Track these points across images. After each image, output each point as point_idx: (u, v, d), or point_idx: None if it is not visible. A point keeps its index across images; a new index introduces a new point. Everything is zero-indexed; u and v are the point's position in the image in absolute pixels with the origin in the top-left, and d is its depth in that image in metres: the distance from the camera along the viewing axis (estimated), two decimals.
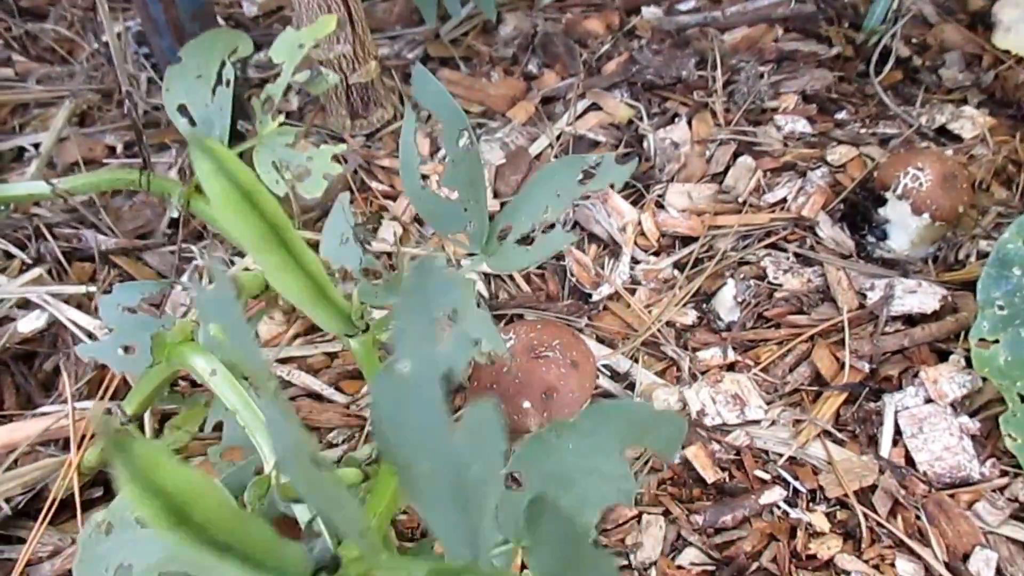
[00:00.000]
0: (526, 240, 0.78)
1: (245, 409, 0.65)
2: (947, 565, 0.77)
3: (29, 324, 0.92)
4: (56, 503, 0.79)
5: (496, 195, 1.14)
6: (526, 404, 0.75)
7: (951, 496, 0.82)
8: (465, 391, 0.93)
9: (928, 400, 0.87)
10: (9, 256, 1.06)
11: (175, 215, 1.10)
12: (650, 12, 1.38)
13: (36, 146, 1.30)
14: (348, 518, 0.43)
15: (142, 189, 0.94)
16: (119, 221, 1.12)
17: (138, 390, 0.77)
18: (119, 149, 1.30)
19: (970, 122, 1.16)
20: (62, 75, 1.46)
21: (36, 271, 0.98)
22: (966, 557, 0.78)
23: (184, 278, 1.01)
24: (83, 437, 0.81)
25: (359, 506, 0.60)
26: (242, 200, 0.51)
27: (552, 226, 0.78)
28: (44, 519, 0.76)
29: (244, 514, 0.41)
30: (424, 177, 1.18)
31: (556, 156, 1.18)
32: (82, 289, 0.96)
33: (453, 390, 0.94)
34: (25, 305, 0.97)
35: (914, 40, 1.34)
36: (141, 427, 0.83)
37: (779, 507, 0.82)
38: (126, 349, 0.77)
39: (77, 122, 1.37)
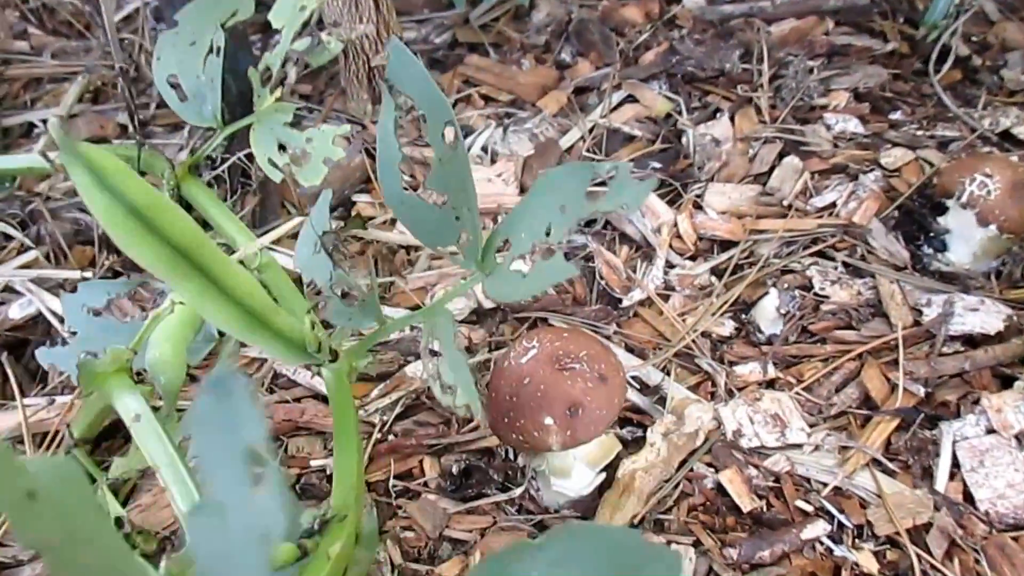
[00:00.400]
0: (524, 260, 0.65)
1: (167, 466, 0.56)
2: None
3: (20, 310, 0.86)
4: None
5: (523, 190, 1.07)
6: (548, 420, 0.68)
7: (1015, 539, 0.74)
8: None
9: (990, 431, 0.79)
10: (8, 238, 1.00)
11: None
12: (692, 1, 1.31)
13: (45, 122, 1.24)
14: None
15: (136, 168, 0.88)
16: None
17: (81, 416, 0.69)
18: (131, 128, 1.24)
19: None
20: (77, 50, 1.41)
21: (31, 254, 0.93)
22: None
23: None
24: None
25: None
26: (130, 220, 0.43)
27: (553, 251, 0.64)
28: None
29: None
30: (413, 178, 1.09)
31: (588, 150, 1.11)
32: (75, 274, 0.90)
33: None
34: (15, 291, 0.91)
35: (974, 38, 1.26)
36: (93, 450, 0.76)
37: (822, 543, 0.75)
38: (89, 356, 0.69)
39: (91, 99, 1.32)
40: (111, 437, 0.81)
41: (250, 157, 0.95)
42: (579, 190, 0.64)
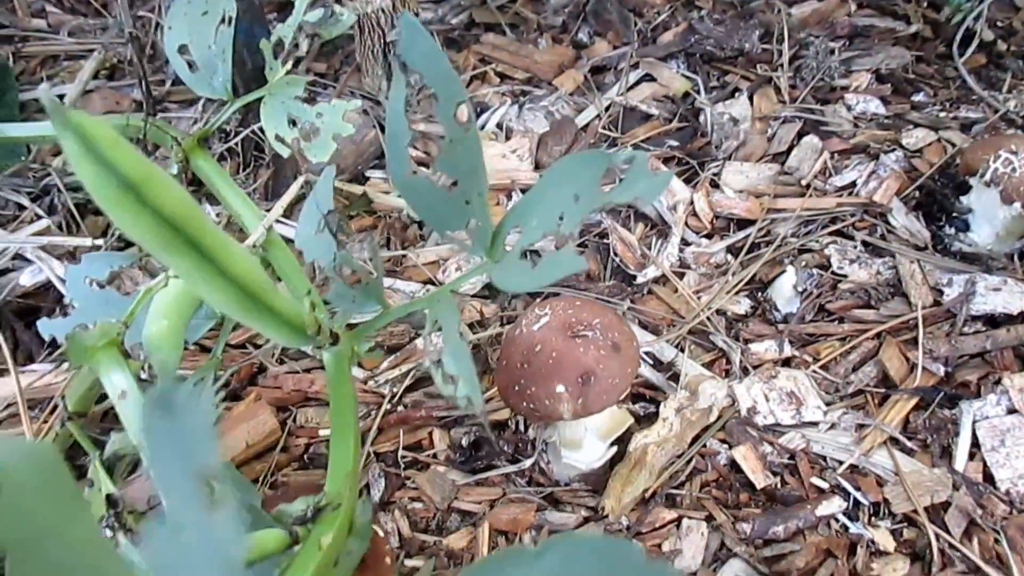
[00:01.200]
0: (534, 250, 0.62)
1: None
2: None
3: (31, 277, 0.86)
4: None
5: (538, 166, 1.06)
6: (559, 388, 0.67)
7: None
8: (492, 372, 0.85)
9: (1012, 411, 0.78)
10: (21, 208, 1.00)
11: (173, 172, 1.03)
12: None
13: (62, 97, 1.24)
14: None
15: (144, 139, 0.87)
16: None
17: (74, 388, 0.67)
18: (143, 101, 1.24)
19: None
20: (94, 28, 1.41)
21: (42, 223, 0.92)
22: None
23: None
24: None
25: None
26: (122, 193, 0.40)
27: (565, 241, 0.61)
28: None
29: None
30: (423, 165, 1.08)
31: (604, 128, 1.10)
32: (86, 242, 0.90)
33: (480, 371, 0.87)
34: (27, 258, 0.91)
35: (999, 23, 1.23)
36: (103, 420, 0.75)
37: (837, 520, 0.73)
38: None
39: (107, 75, 1.32)
40: None
41: (264, 130, 0.94)
42: (593, 179, 0.62)
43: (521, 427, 0.82)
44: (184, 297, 0.63)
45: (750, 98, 1.10)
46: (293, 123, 0.85)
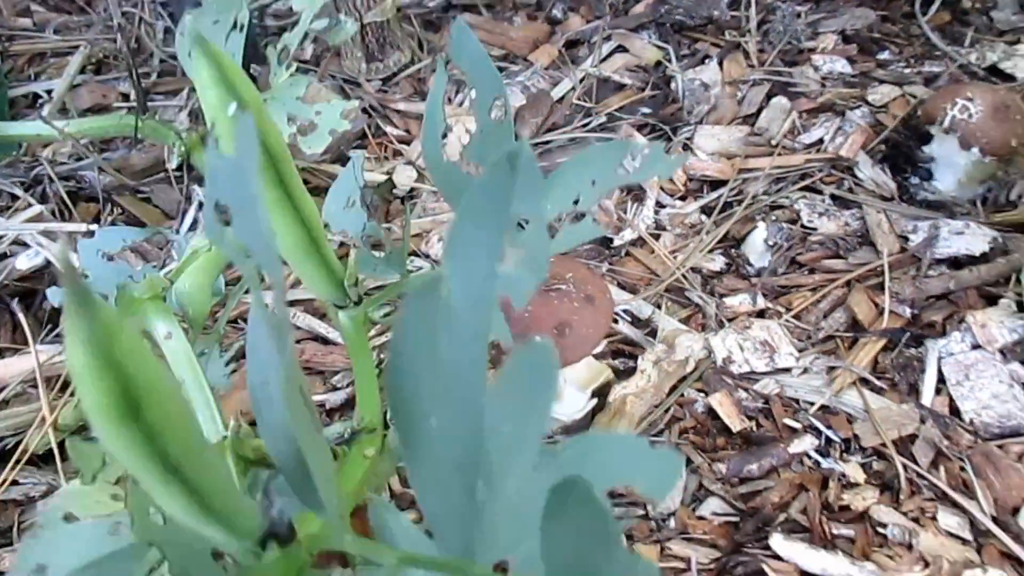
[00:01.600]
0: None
1: (194, 384, 0.59)
2: (994, 519, 0.70)
3: (28, 261, 0.89)
4: (29, 452, 0.75)
5: (516, 138, 1.08)
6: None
7: (1000, 447, 0.75)
8: None
9: (975, 346, 0.81)
10: (14, 198, 1.03)
11: (173, 165, 1.06)
12: None
13: (49, 92, 1.27)
14: (322, 478, 0.36)
15: (142, 135, 0.90)
16: (127, 163, 1.09)
17: None
18: (132, 96, 1.26)
19: None
20: (79, 25, 1.44)
21: (35, 209, 0.95)
22: (1016, 511, 0.71)
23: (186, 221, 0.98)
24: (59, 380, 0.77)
25: (334, 468, 0.54)
26: (240, 114, 0.45)
27: (582, 215, 0.68)
28: (19, 461, 0.73)
29: (201, 436, 0.34)
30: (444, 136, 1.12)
31: (579, 99, 1.12)
32: (80, 228, 0.93)
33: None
34: (23, 243, 0.94)
35: None
36: None
37: (810, 457, 0.76)
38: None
39: (93, 70, 1.34)
40: None
41: None
42: (611, 166, 0.67)
43: None
44: (214, 259, 0.71)
45: (720, 64, 1.13)
46: (291, 120, 0.88)
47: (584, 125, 1.09)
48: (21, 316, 0.86)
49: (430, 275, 0.31)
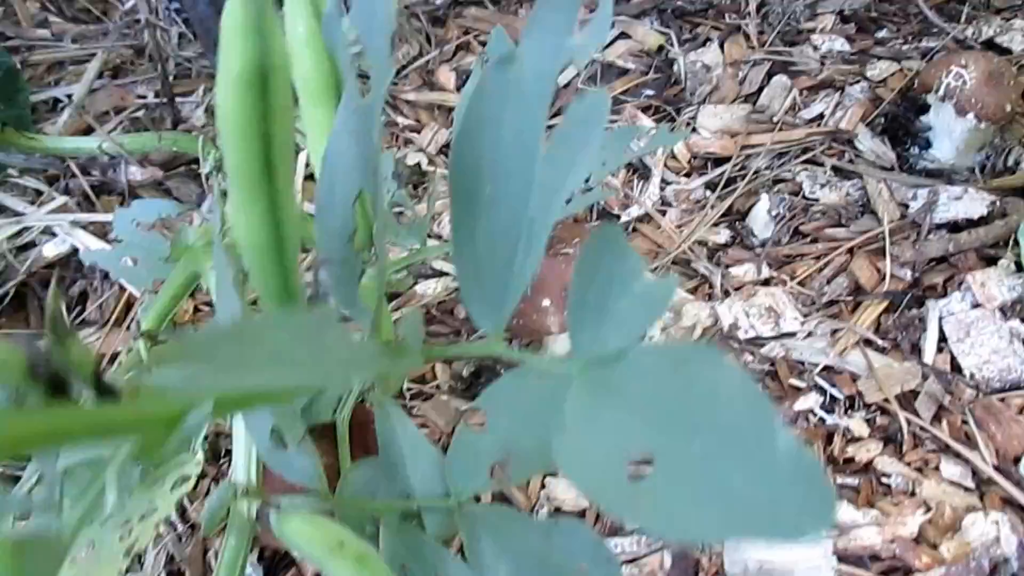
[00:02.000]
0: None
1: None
2: (996, 468, 0.72)
3: (54, 248, 0.93)
4: None
5: None
6: (545, 302, 0.73)
7: (1001, 400, 0.77)
8: None
9: (975, 305, 0.83)
10: (39, 193, 1.07)
11: (206, 171, 1.09)
12: None
13: (69, 97, 1.31)
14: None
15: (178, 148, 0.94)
16: (147, 159, 1.13)
17: (157, 301, 0.76)
18: (149, 98, 1.30)
19: (1020, 34, 1.09)
20: (96, 34, 1.48)
21: (59, 201, 0.99)
22: (1017, 460, 0.73)
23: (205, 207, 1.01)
24: None
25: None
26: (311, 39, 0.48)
27: (589, 189, 0.75)
28: None
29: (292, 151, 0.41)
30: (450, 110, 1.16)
31: (584, 84, 1.15)
32: (107, 217, 0.96)
33: None
34: (50, 233, 0.97)
35: None
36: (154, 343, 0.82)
37: (815, 414, 0.78)
38: (131, 261, 0.76)
39: (111, 75, 1.38)
40: None
41: None
42: (620, 147, 0.71)
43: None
44: None
45: (721, 46, 1.15)
46: None
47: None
48: (49, 302, 0.89)
49: (507, 51, 0.34)
